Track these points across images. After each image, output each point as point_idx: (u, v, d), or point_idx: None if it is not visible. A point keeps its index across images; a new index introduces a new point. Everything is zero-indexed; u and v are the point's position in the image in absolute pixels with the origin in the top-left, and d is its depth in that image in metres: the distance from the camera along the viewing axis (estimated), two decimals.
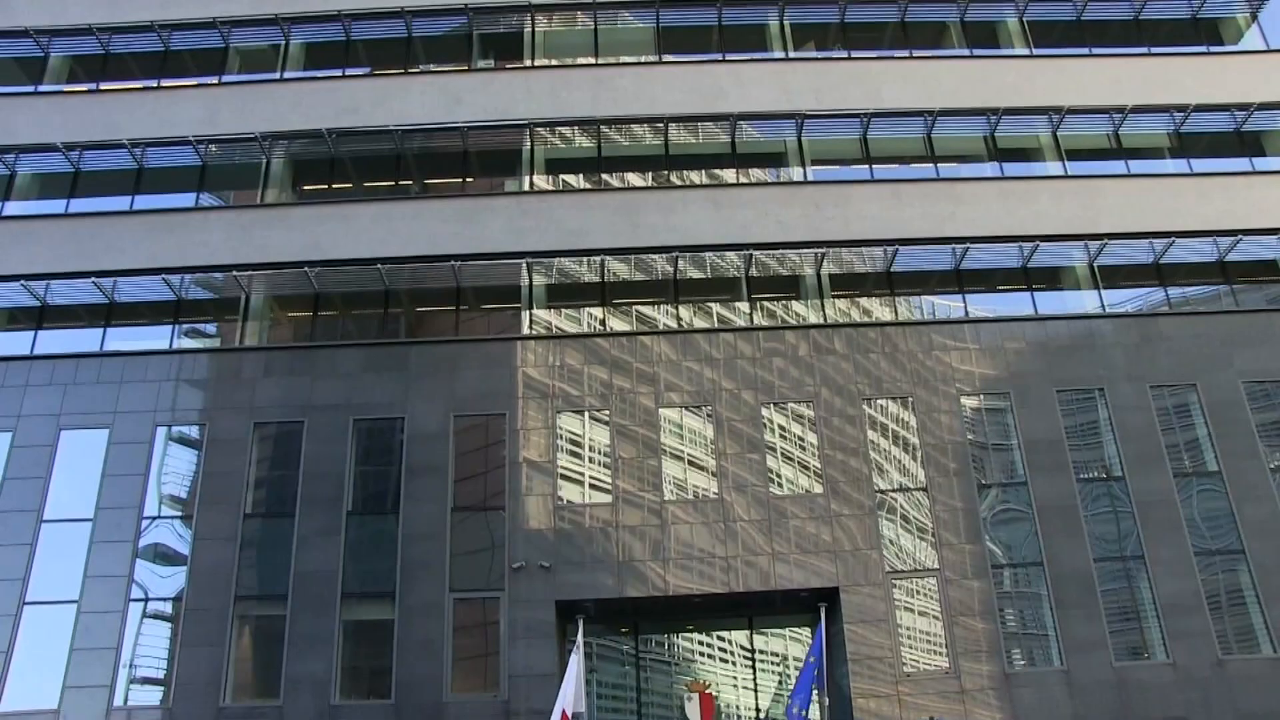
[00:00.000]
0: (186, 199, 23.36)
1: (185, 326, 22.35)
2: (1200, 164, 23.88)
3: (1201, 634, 19.14)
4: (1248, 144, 24.19)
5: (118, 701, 18.64)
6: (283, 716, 18.34)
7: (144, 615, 19.40)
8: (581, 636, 18.51)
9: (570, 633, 19.21)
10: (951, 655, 19.00)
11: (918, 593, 19.59)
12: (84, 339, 22.03)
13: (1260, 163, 24.06)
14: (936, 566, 19.67)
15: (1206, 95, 23.84)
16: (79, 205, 23.27)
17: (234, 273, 21.73)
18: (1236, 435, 20.78)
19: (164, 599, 19.50)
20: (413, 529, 19.71)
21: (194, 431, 20.78)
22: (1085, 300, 22.58)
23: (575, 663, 17.80)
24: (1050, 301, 22.62)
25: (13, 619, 19.17)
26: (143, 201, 23.22)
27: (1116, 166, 23.82)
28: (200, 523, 19.87)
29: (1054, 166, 23.76)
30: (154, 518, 20.07)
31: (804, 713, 18.17)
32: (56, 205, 23.36)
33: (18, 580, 19.47)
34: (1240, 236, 22.30)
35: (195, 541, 19.73)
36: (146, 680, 18.97)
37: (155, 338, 22.09)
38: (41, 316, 22.22)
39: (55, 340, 22.02)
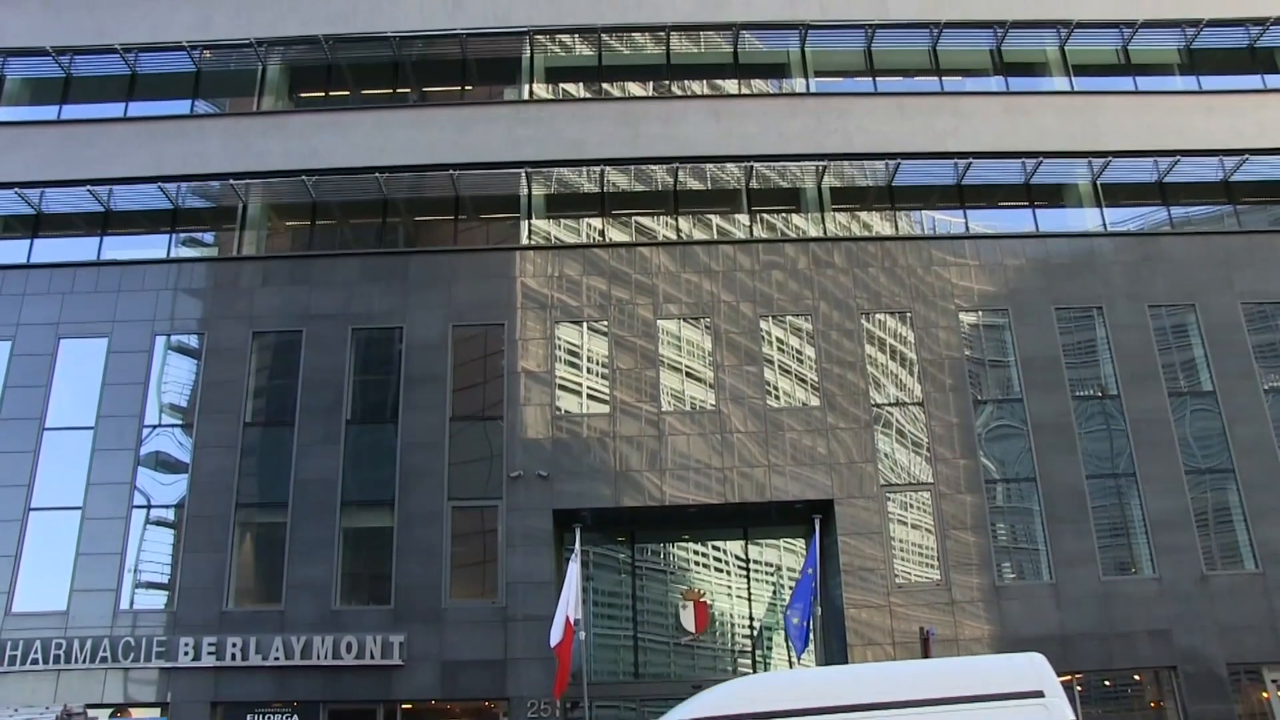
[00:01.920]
0: (181, 106, 23.00)
1: (183, 235, 22.24)
2: (1210, 81, 23.47)
3: (1188, 550, 19.43)
4: (1260, 61, 23.74)
5: (123, 605, 18.98)
6: (284, 621, 18.68)
7: (147, 522, 19.67)
8: (579, 545, 18.77)
9: (567, 541, 19.50)
10: (943, 568, 19.30)
11: (911, 506, 19.83)
12: (81, 248, 21.91)
13: (1272, 80, 23.58)
14: (930, 481, 19.87)
15: (1220, 9, 23.31)
16: (71, 111, 22.92)
17: (231, 181, 21.53)
18: (1233, 356, 20.82)
19: (166, 506, 19.76)
20: (411, 438, 19.85)
21: (193, 340, 20.82)
22: (1087, 218, 22.42)
23: (573, 571, 18.09)
24: (1051, 219, 22.45)
25: (19, 524, 19.43)
26: (137, 108, 22.88)
27: (1124, 83, 23.42)
28: (201, 431, 20.01)
29: (1060, 82, 23.40)
30: (155, 426, 20.21)
31: (805, 623, 18.49)
32: (48, 111, 23.02)
33: (22, 487, 19.70)
34: (1247, 156, 22.04)
35: (196, 450, 19.89)
36: (151, 585, 19.31)
37: (153, 247, 21.97)
38: (37, 225, 22.06)
39: (52, 249, 21.90)
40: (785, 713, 9.84)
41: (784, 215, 22.59)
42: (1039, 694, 9.73)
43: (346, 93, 23.51)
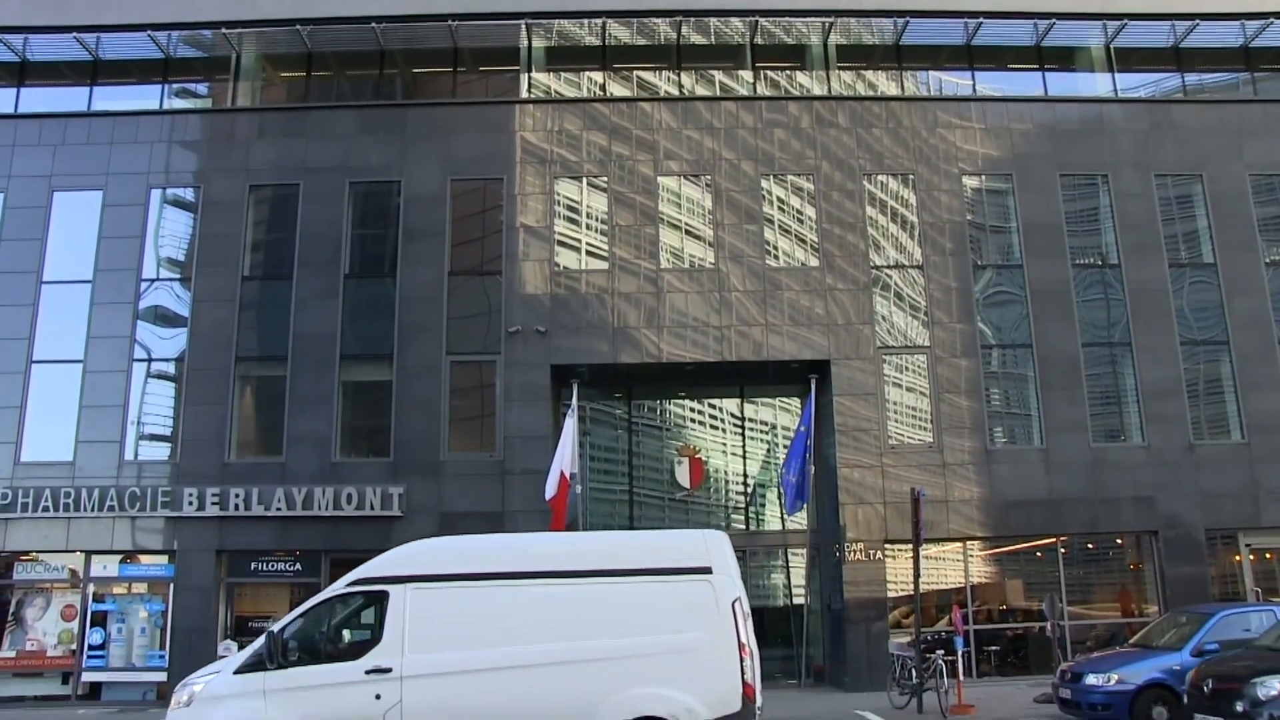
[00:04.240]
0: None
1: (176, 86, 21.79)
2: None
3: (1177, 419, 19.68)
4: None
5: (128, 456, 19.27)
6: (285, 472, 18.98)
7: (148, 375, 19.82)
8: (575, 400, 18.98)
9: (565, 396, 19.66)
10: (936, 430, 19.53)
11: (906, 369, 19.95)
12: (72, 98, 21.51)
13: None
14: (927, 344, 19.95)
15: None
16: None
17: (223, 30, 20.95)
18: (1236, 228, 20.71)
19: (166, 359, 19.87)
20: (410, 292, 19.83)
21: (189, 194, 20.62)
22: (1097, 83, 21.95)
23: (570, 425, 18.30)
24: (1061, 83, 21.98)
25: (22, 376, 19.58)
26: None
27: None
28: (199, 285, 19.99)
29: None
30: (153, 280, 20.17)
31: (798, 481, 18.78)
32: None
33: (23, 340, 19.79)
34: (1271, 20, 21.41)
35: (194, 303, 19.91)
36: (154, 436, 19.56)
37: (145, 98, 21.55)
38: (23, 73, 21.58)
39: (42, 98, 21.51)
40: (454, 576, 9.95)
41: (788, 73, 22.07)
42: (707, 570, 9.91)
43: None
